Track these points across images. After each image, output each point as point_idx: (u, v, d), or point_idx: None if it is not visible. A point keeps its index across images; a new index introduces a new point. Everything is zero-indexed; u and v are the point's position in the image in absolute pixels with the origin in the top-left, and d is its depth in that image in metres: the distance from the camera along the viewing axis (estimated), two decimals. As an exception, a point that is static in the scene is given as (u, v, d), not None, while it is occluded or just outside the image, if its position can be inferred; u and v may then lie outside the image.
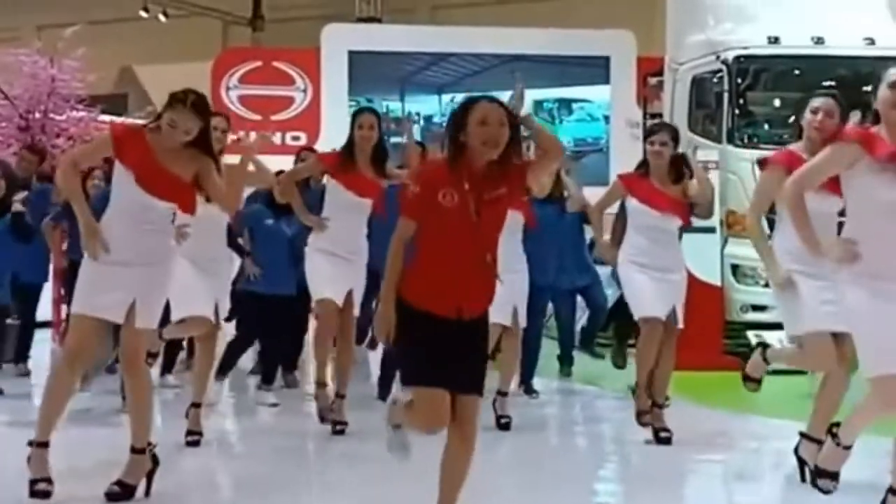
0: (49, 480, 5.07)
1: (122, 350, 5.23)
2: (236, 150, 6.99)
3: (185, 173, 5.15)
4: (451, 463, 4.30)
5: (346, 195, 6.89)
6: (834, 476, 4.68)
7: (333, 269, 6.88)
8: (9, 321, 9.80)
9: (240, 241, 8.08)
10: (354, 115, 7.05)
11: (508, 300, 6.84)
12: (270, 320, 8.28)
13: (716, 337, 10.33)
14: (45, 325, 11.58)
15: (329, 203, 7.01)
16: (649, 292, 6.71)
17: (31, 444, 5.11)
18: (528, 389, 8.75)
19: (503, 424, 7.19)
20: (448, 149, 4.25)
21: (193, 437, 6.59)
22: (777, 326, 9.95)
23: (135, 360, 5.23)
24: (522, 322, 7.30)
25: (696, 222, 7.69)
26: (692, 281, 8.07)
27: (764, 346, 5.96)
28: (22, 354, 9.57)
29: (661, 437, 6.70)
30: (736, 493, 5.77)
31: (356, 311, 7.02)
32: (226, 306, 6.84)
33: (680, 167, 6.82)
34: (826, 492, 4.69)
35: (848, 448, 4.66)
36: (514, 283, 6.93)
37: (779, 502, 5.57)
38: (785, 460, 6.19)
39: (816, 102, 5.58)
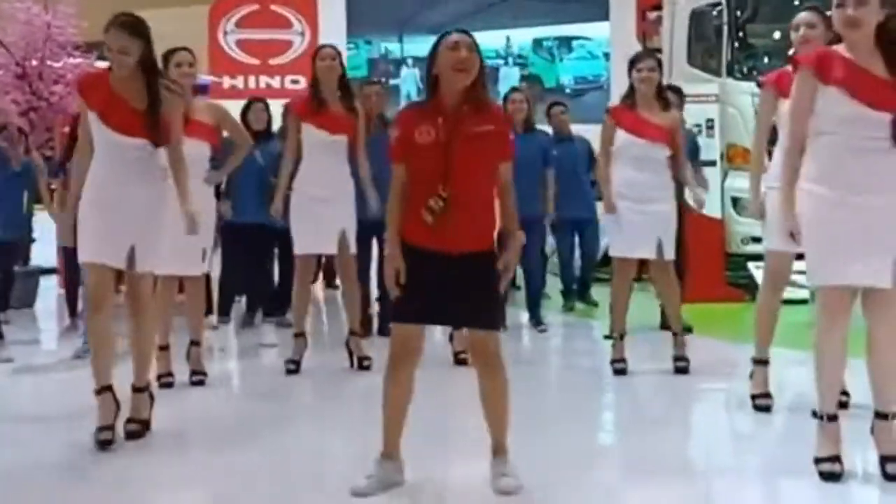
0: (109, 428, 5.02)
1: (126, 294, 5.21)
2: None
3: (140, 104, 5.04)
4: (486, 399, 4.35)
5: (319, 135, 6.88)
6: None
7: (316, 218, 6.88)
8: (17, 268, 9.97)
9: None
10: (315, 53, 7.06)
11: None
12: (242, 248, 8.40)
13: (717, 269, 10.39)
14: (51, 271, 11.66)
15: (306, 146, 6.96)
16: (629, 230, 6.71)
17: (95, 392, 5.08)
18: (537, 322, 8.83)
19: (461, 360, 7.00)
20: (425, 85, 4.36)
21: (198, 378, 6.65)
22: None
23: (139, 303, 5.24)
24: None
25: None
26: (693, 215, 8.10)
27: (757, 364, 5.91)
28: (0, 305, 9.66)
29: (679, 367, 6.79)
30: (738, 420, 5.80)
31: (352, 250, 7.04)
32: (210, 243, 6.81)
33: (665, 95, 6.80)
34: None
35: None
36: None
37: (781, 428, 5.61)
38: (786, 388, 6.25)
39: (797, 18, 5.50)
